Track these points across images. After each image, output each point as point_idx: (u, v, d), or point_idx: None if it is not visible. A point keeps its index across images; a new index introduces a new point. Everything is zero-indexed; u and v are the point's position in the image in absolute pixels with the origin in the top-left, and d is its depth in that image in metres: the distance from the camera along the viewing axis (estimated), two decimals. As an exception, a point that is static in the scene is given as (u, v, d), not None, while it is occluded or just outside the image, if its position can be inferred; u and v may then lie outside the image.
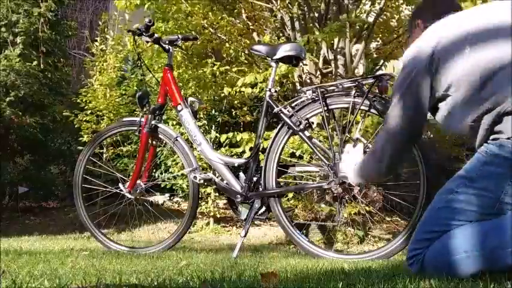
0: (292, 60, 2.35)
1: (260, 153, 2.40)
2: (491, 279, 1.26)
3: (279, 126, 2.30)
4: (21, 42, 4.41)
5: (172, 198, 4.83)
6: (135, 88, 5.04)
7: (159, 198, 4.04)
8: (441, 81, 1.54)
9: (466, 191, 1.45)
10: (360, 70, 4.27)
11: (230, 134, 3.85)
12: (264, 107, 2.34)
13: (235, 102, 4.42)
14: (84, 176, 2.69)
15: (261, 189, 2.29)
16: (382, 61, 4.94)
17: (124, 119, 2.82)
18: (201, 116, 4.45)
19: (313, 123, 2.74)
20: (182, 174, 4.07)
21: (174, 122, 4.35)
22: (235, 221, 4.47)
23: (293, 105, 2.28)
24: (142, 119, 2.56)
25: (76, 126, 4.58)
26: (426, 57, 1.55)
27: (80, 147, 3.81)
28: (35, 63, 4.43)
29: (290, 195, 3.69)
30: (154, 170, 4.42)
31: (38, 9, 4.48)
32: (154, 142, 2.62)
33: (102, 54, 4.82)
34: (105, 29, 5.11)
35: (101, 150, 4.19)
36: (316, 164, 2.35)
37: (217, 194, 4.32)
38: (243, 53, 4.06)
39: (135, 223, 3.95)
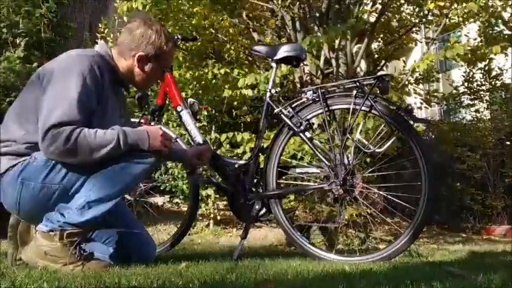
0: (293, 61, 2.34)
1: (260, 154, 2.38)
2: (494, 280, 1.25)
3: (280, 127, 2.28)
4: (23, 43, 4.40)
5: (172, 199, 4.81)
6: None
7: (158, 200, 4.02)
8: None
9: None
10: (361, 71, 4.26)
11: (230, 134, 3.82)
12: (264, 107, 2.32)
13: (235, 103, 4.41)
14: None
15: (261, 190, 2.28)
16: (383, 61, 4.93)
17: (123, 120, 2.80)
18: (201, 117, 4.43)
19: (313, 124, 2.72)
20: (182, 176, 4.05)
21: (175, 124, 4.34)
22: (236, 222, 4.45)
23: (294, 106, 2.26)
24: (142, 120, 2.53)
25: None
26: None
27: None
28: (35, 64, 4.42)
29: (291, 196, 3.67)
30: (154, 172, 4.41)
31: (39, 10, 4.47)
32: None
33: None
34: (104, 30, 5.10)
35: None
36: (317, 165, 2.33)
37: (217, 196, 4.31)
38: (243, 54, 4.05)
39: (135, 224, 3.92)
